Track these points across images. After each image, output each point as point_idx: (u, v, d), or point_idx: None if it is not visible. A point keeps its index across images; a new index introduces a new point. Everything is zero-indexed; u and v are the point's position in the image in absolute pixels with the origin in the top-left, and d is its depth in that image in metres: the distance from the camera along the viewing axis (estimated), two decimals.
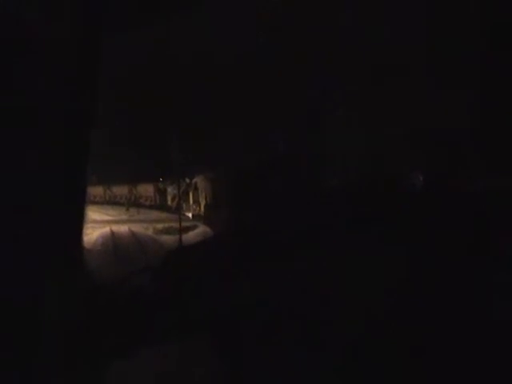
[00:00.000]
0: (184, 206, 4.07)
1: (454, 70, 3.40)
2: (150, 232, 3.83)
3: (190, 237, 3.70)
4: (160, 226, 3.87)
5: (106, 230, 3.71)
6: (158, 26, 3.39)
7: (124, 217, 4.10)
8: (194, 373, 2.76)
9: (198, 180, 4.11)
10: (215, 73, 3.64)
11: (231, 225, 3.60)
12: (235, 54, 3.58)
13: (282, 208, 3.43)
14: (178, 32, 3.50)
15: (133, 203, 4.29)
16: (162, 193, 4.29)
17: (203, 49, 3.56)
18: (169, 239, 3.67)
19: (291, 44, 3.51)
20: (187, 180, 4.15)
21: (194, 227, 3.83)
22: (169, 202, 4.21)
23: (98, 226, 3.74)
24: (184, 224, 3.77)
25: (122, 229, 3.77)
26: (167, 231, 3.80)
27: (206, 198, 4.04)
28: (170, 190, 4.22)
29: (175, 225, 3.77)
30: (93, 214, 3.73)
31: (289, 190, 3.54)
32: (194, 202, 4.10)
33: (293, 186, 3.55)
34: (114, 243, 3.58)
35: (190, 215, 4.04)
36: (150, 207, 4.25)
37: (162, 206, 4.21)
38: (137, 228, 3.80)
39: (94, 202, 4.01)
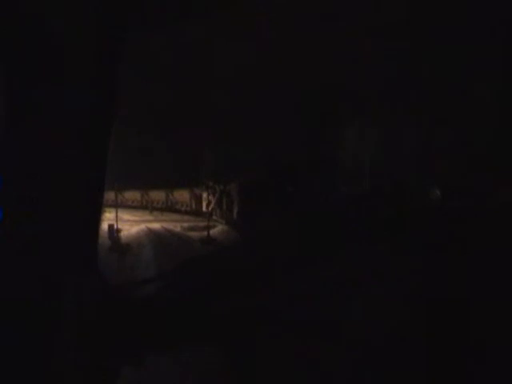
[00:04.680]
0: (218, 211, 4.23)
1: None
2: (178, 229, 4.12)
3: (212, 233, 4.06)
4: (186, 224, 4.19)
5: (142, 226, 4.07)
6: (195, 28, 3.54)
7: (150, 217, 4.40)
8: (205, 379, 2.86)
9: (232, 187, 4.24)
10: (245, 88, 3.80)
11: (252, 231, 3.80)
12: (266, 73, 3.74)
13: (295, 215, 3.54)
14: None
15: (169, 208, 4.51)
16: (198, 199, 4.43)
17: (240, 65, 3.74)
18: (195, 235, 4.03)
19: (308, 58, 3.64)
20: (221, 187, 4.28)
21: (215, 226, 4.17)
22: (204, 208, 4.35)
23: (133, 223, 4.11)
24: (206, 223, 4.19)
25: (155, 225, 4.11)
26: (193, 228, 4.14)
27: (238, 205, 4.17)
28: (206, 196, 4.38)
29: (198, 224, 4.20)
30: (122, 215, 4.11)
31: (303, 198, 3.66)
32: (227, 208, 4.24)
33: (307, 195, 3.67)
34: (154, 235, 3.91)
35: (223, 221, 4.19)
36: (186, 213, 4.44)
37: (197, 212, 4.38)
38: (167, 226, 4.14)
39: (126, 206, 4.37)
